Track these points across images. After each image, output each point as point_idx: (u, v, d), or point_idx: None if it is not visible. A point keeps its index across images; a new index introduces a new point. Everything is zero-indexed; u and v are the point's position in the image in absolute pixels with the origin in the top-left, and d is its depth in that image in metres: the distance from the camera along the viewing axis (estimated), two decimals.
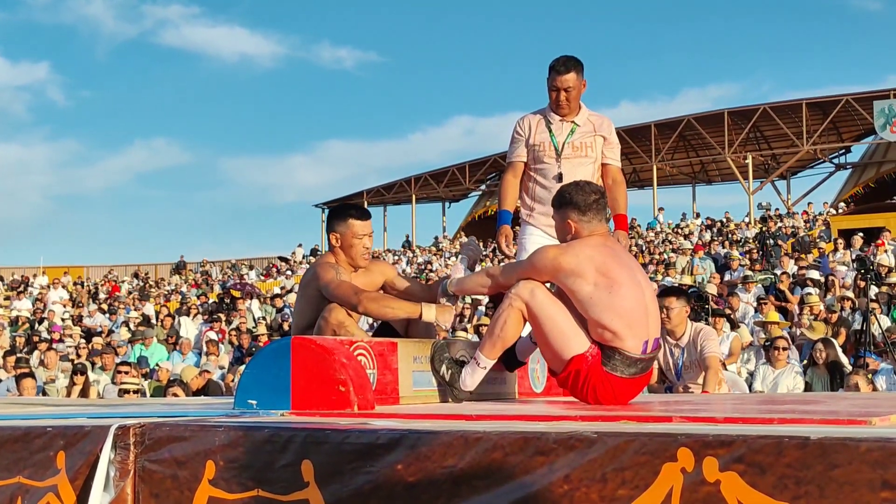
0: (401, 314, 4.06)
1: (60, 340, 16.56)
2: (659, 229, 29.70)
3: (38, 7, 74.30)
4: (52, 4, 75.74)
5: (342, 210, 4.48)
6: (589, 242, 3.65)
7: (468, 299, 16.09)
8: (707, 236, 25.98)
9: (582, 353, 3.60)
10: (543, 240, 4.80)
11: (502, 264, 4.54)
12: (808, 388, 8.38)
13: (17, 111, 78.68)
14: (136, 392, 9.12)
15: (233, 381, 10.23)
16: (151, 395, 10.44)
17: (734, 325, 10.31)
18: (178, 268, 34.46)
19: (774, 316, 11.15)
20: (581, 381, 3.63)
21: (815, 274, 14.87)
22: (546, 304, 3.62)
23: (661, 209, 34.12)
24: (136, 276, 35.53)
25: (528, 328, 4.13)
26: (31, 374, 9.69)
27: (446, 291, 4.18)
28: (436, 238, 37.46)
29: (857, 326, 10.25)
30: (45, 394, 9.88)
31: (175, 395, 8.79)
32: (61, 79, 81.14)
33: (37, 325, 20.00)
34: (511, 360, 4.22)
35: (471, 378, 3.89)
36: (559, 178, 4.78)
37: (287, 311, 17.53)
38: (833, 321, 10.80)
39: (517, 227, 5.13)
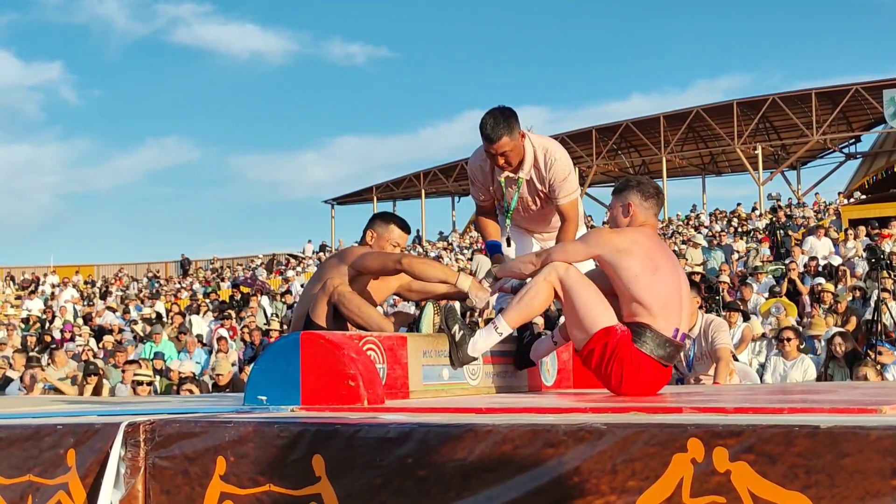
0: (439, 275, 4.15)
1: (71, 339, 16.61)
2: (667, 222, 29.57)
3: (50, 7, 74.61)
4: (64, 4, 76.09)
5: (387, 215, 4.65)
6: (640, 230, 3.86)
7: None
8: (717, 227, 25.94)
9: (612, 325, 3.69)
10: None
11: (548, 246, 4.55)
12: (829, 380, 8.32)
13: (30, 111, 79.09)
14: (148, 384, 9.17)
15: (245, 377, 10.24)
16: (162, 393, 10.47)
17: (746, 317, 10.28)
18: (183, 266, 34.46)
19: (784, 300, 11.12)
20: (608, 355, 3.66)
21: (836, 260, 14.83)
22: (579, 281, 3.77)
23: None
24: (148, 274, 35.60)
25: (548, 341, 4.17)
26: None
27: (492, 276, 4.22)
28: (440, 233, 37.37)
29: (867, 316, 10.20)
30: (57, 392, 9.91)
31: (190, 391, 8.80)
32: (74, 78, 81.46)
33: (48, 324, 20.07)
34: (524, 358, 4.23)
35: (483, 341, 3.91)
36: (507, 241, 4.79)
37: None
38: (841, 311, 10.75)
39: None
